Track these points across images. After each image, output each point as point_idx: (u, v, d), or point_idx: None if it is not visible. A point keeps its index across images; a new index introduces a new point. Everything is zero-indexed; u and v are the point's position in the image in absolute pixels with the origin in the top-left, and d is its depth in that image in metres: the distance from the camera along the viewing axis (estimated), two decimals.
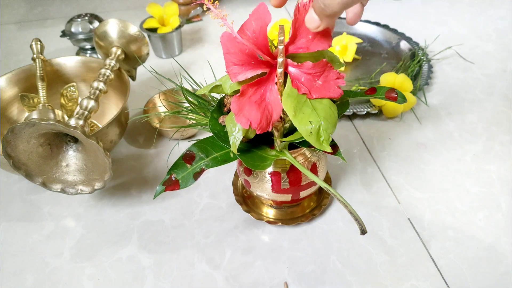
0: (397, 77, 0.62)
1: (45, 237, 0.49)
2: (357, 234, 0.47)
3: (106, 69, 0.55)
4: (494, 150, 0.57)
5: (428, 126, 0.61)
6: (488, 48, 0.78)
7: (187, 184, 0.36)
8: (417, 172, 0.54)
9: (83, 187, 0.47)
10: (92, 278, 0.44)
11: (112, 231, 0.49)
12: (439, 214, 0.49)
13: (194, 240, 0.47)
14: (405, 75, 0.63)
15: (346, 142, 0.59)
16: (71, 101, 0.63)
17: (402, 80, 0.62)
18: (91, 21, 0.76)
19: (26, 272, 0.45)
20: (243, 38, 0.31)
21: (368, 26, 0.82)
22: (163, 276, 0.44)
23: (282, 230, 0.48)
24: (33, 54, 0.59)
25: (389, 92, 0.41)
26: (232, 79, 0.32)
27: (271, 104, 0.33)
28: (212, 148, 0.38)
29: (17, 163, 0.44)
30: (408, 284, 0.43)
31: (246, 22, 0.32)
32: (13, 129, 0.41)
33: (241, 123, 0.32)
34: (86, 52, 0.79)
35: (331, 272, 0.44)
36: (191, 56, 0.80)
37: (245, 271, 0.44)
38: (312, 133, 0.32)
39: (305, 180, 0.43)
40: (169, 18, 0.77)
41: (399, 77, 0.62)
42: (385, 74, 0.63)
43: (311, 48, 0.32)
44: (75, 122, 0.48)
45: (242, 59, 0.32)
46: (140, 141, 0.61)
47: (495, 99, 0.66)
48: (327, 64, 0.32)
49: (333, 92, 0.33)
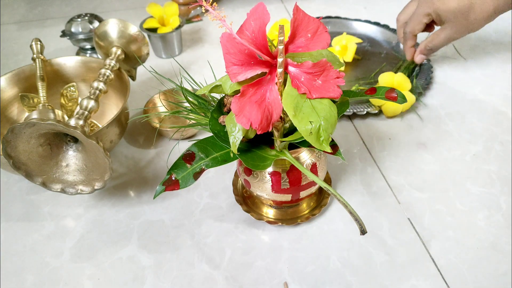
0: (395, 76, 0.62)
1: (45, 237, 0.49)
2: (357, 234, 0.47)
3: (106, 69, 0.55)
4: (494, 150, 0.57)
5: (428, 126, 0.61)
6: (488, 48, 0.78)
7: (187, 184, 0.36)
8: (417, 172, 0.54)
9: (83, 187, 0.47)
10: (92, 278, 0.44)
11: (112, 231, 0.49)
12: (439, 214, 0.49)
13: (194, 240, 0.47)
14: (403, 74, 0.63)
15: (346, 142, 0.59)
16: (71, 101, 0.63)
17: (400, 79, 0.62)
18: (91, 21, 0.76)
19: (26, 272, 0.45)
20: (242, 38, 0.31)
21: (368, 26, 0.82)
22: (163, 276, 0.44)
23: (282, 230, 0.48)
24: (33, 54, 0.59)
25: (389, 92, 0.41)
26: (232, 79, 0.32)
27: (271, 104, 0.33)
28: (212, 148, 0.38)
29: (17, 163, 0.44)
30: (408, 284, 0.43)
31: (245, 22, 0.32)
32: (13, 129, 0.41)
33: (242, 123, 0.32)
34: (86, 52, 0.79)
35: (331, 272, 0.44)
36: (191, 56, 0.80)
37: (245, 271, 0.44)
38: (312, 133, 0.32)
39: (305, 180, 0.43)
40: (169, 18, 0.77)
41: (398, 76, 0.62)
42: (383, 74, 0.63)
43: (311, 48, 0.32)
44: (75, 122, 0.48)
45: (242, 59, 0.32)
46: (140, 141, 0.61)
47: (495, 99, 0.66)
48: (327, 64, 0.32)
49: (333, 91, 0.33)
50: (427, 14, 0.62)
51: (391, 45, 0.78)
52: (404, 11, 0.68)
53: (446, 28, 0.61)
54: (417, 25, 0.64)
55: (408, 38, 0.67)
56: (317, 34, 0.33)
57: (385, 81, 0.62)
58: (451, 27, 0.60)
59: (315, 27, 0.34)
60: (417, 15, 0.63)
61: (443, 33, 0.62)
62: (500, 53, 0.76)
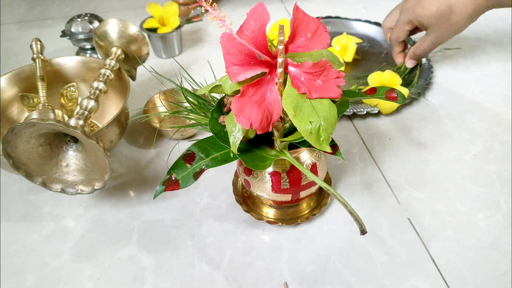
0: (384, 74, 0.63)
1: (45, 237, 0.49)
2: (357, 234, 0.47)
3: (106, 69, 0.55)
4: (494, 150, 0.57)
5: (428, 126, 0.61)
6: (488, 48, 0.78)
7: (187, 184, 0.36)
8: (417, 172, 0.54)
9: (83, 187, 0.47)
10: (92, 278, 0.44)
11: (112, 231, 0.49)
12: (439, 214, 0.49)
13: (194, 240, 0.47)
14: (391, 71, 0.64)
15: (346, 142, 0.59)
16: (71, 101, 0.63)
17: (389, 76, 0.63)
18: (91, 21, 0.76)
19: (26, 272, 0.45)
20: (242, 38, 0.31)
21: (368, 26, 0.82)
22: (163, 276, 0.44)
23: (282, 230, 0.48)
24: (33, 54, 0.59)
25: (389, 92, 0.41)
26: (232, 79, 0.32)
27: (271, 104, 0.33)
28: (212, 148, 0.38)
29: (17, 163, 0.44)
30: (408, 284, 0.43)
31: (245, 22, 0.32)
32: (13, 129, 0.41)
33: (242, 123, 0.32)
34: (86, 52, 0.79)
35: (331, 272, 0.44)
36: (191, 56, 0.80)
37: (245, 271, 0.44)
38: (312, 133, 0.32)
39: (305, 180, 0.43)
40: (169, 18, 0.77)
41: (386, 74, 0.63)
42: (371, 74, 0.64)
43: (311, 48, 0.32)
44: (75, 122, 0.48)
45: (242, 59, 0.32)
46: (140, 141, 0.61)
47: (495, 99, 0.66)
48: (326, 64, 0.32)
49: (333, 91, 0.33)
50: (409, 22, 0.63)
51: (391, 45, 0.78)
52: (389, 17, 0.69)
53: (430, 33, 0.61)
54: (400, 32, 0.65)
55: (394, 45, 0.68)
56: (317, 34, 0.33)
57: (375, 81, 0.63)
58: (435, 31, 0.60)
59: (315, 27, 0.34)
60: (400, 23, 0.64)
61: (428, 38, 0.62)
62: (500, 53, 0.76)
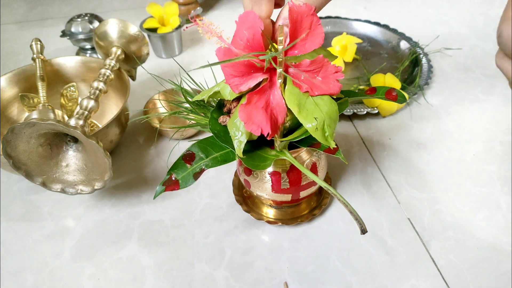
0: (385, 77, 0.64)
1: (45, 237, 0.49)
2: (357, 234, 0.47)
3: (106, 69, 0.55)
4: (494, 150, 0.57)
5: (428, 126, 0.61)
6: (488, 48, 0.78)
7: (187, 184, 0.36)
8: (417, 172, 0.54)
9: (83, 187, 0.47)
10: (92, 278, 0.44)
11: (112, 231, 0.49)
12: (439, 214, 0.49)
13: (194, 240, 0.47)
14: (392, 75, 0.64)
15: (346, 142, 0.59)
16: (71, 101, 0.63)
17: (390, 80, 0.63)
18: (91, 21, 0.76)
19: (26, 272, 0.45)
20: (238, 49, 0.31)
21: (368, 26, 0.82)
22: (163, 276, 0.44)
23: (282, 230, 0.48)
24: (33, 54, 0.59)
25: (389, 92, 0.41)
26: (234, 91, 0.32)
27: (276, 108, 0.33)
28: (212, 148, 0.38)
29: (17, 163, 0.44)
30: (408, 284, 0.43)
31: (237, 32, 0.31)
32: (13, 129, 0.41)
33: (252, 130, 0.32)
34: (86, 52, 0.79)
35: (331, 272, 0.44)
36: (191, 56, 0.80)
37: (245, 271, 0.44)
38: (318, 128, 0.32)
39: (305, 180, 0.43)
40: (169, 18, 0.77)
41: (387, 77, 0.63)
42: (374, 75, 0.65)
43: (308, 48, 0.32)
44: (75, 122, 0.48)
45: (242, 70, 0.32)
46: (140, 141, 0.61)
47: (495, 99, 0.66)
48: (324, 60, 0.32)
49: (333, 86, 0.33)
50: None
51: (391, 45, 0.78)
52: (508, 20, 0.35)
53: None
54: None
55: None
56: (311, 31, 0.33)
57: (377, 83, 0.64)
58: None
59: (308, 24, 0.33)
60: None
61: None
62: None
